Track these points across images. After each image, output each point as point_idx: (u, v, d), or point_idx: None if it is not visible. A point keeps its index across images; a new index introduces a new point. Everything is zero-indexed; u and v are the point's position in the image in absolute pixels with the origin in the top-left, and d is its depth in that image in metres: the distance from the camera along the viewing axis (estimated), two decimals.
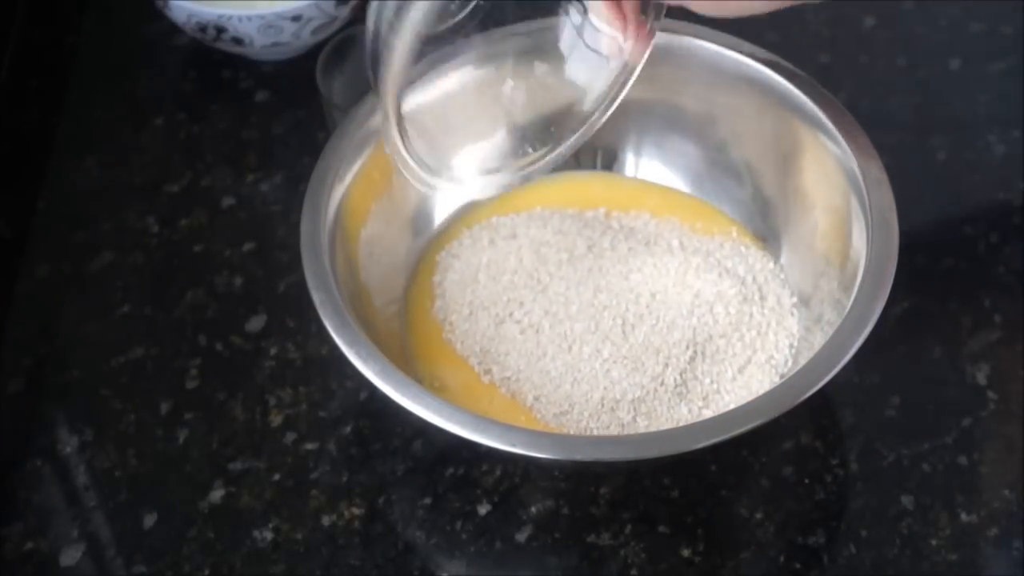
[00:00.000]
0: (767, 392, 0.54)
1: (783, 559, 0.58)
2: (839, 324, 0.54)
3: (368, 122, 0.61)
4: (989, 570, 0.58)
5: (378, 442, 0.61)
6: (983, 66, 0.78)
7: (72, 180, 0.73)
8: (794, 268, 0.63)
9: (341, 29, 0.74)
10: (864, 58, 0.79)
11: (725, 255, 0.63)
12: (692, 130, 0.66)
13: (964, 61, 0.78)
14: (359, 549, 0.58)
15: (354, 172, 0.60)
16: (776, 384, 0.58)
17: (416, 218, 0.65)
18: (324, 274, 0.55)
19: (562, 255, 0.63)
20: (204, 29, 0.73)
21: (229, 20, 0.72)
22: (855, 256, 0.57)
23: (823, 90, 0.61)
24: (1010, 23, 0.80)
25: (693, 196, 0.67)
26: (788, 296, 0.62)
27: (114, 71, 0.79)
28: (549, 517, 0.59)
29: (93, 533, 0.59)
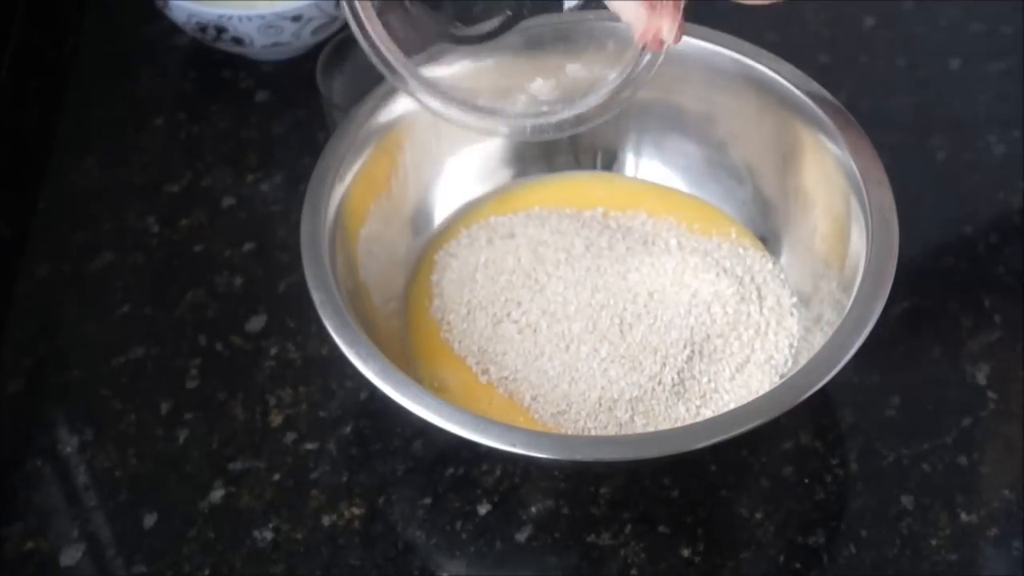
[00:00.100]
0: (767, 392, 0.54)
1: (783, 559, 0.58)
2: (839, 324, 0.54)
3: (368, 122, 0.61)
4: (989, 570, 0.58)
5: (378, 442, 0.61)
6: (983, 66, 0.78)
7: (72, 180, 0.73)
8: (794, 268, 0.63)
9: (341, 29, 0.74)
10: (864, 58, 0.79)
11: (723, 255, 0.63)
12: (692, 130, 0.66)
13: (964, 61, 0.78)
14: (359, 549, 0.58)
15: (354, 172, 0.60)
16: (776, 384, 0.58)
17: (416, 217, 0.65)
18: (324, 274, 0.55)
19: (560, 255, 0.63)
20: (204, 29, 0.73)
21: (229, 20, 0.72)
22: (855, 256, 0.57)
23: (823, 90, 0.61)
24: (1010, 23, 0.80)
25: (693, 196, 0.67)
26: (788, 296, 0.62)
27: (114, 71, 0.79)
28: (549, 517, 0.59)
29: (93, 533, 0.59)
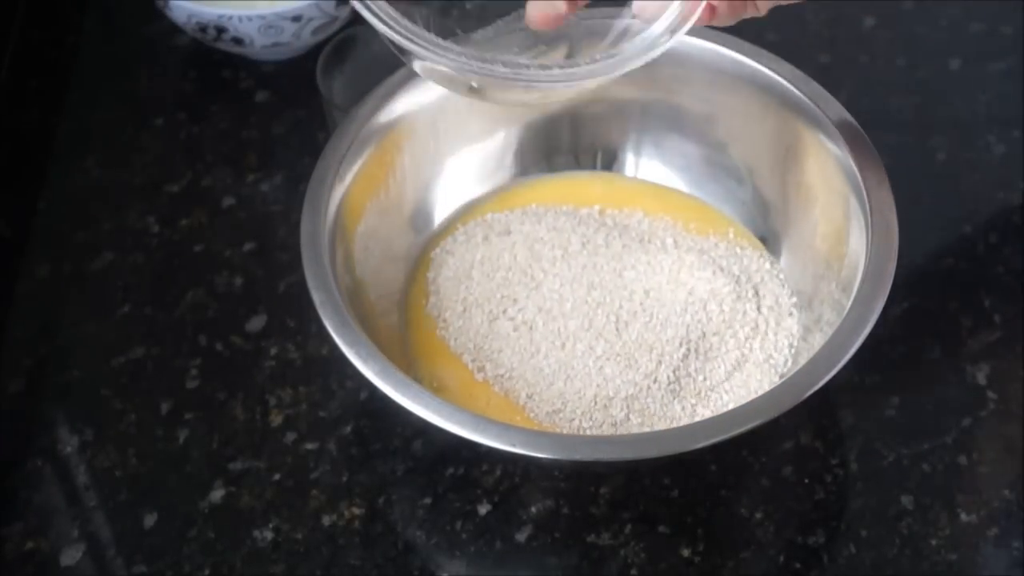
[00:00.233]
0: (767, 392, 0.54)
1: (783, 559, 0.58)
2: (839, 324, 0.54)
3: (368, 122, 0.61)
4: (989, 570, 0.58)
5: (378, 442, 0.61)
6: (983, 66, 0.78)
7: (72, 180, 0.73)
8: (794, 268, 0.63)
9: (341, 29, 0.74)
10: (864, 58, 0.79)
11: (720, 253, 0.63)
12: (692, 130, 0.66)
13: (964, 61, 0.78)
14: (359, 549, 0.58)
15: (354, 172, 0.60)
16: (776, 384, 0.58)
17: (415, 216, 0.65)
18: (324, 274, 0.55)
19: (556, 252, 0.63)
20: (204, 29, 0.73)
21: (229, 20, 0.72)
22: (855, 256, 0.57)
23: (823, 90, 0.61)
24: (1010, 23, 0.80)
25: (691, 196, 0.67)
26: (787, 296, 0.62)
27: (114, 71, 0.79)
28: (549, 517, 0.59)
29: (93, 533, 0.59)
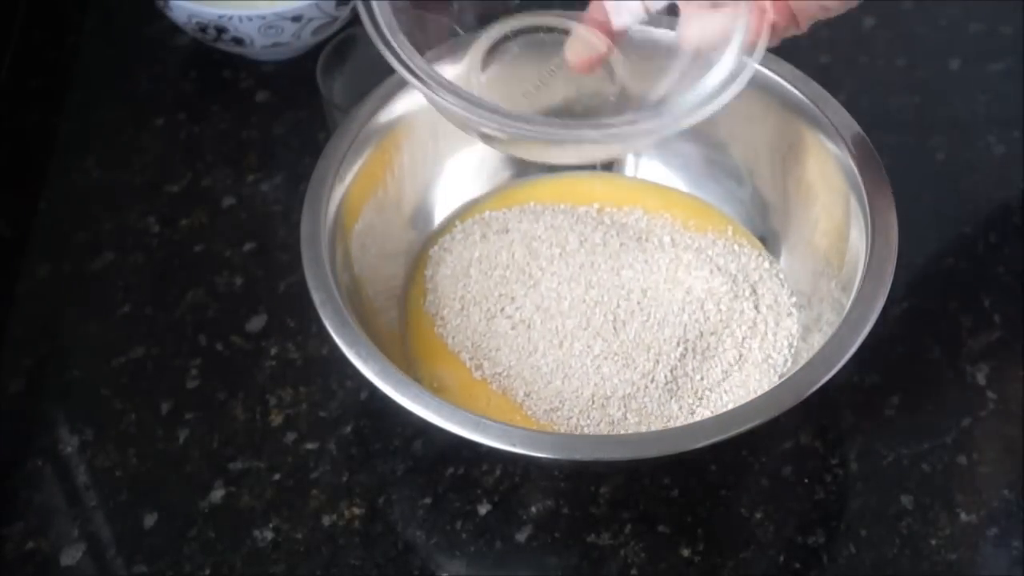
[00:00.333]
0: (767, 392, 0.54)
1: (783, 559, 0.58)
2: (839, 324, 0.54)
3: (368, 122, 0.61)
4: (989, 570, 0.58)
5: (378, 442, 0.61)
6: (983, 66, 0.78)
7: (73, 180, 0.73)
8: (793, 268, 0.63)
9: (341, 29, 0.74)
10: (864, 58, 0.79)
11: (717, 252, 0.63)
12: (692, 130, 0.66)
13: (964, 61, 0.78)
14: (359, 549, 0.58)
15: (354, 172, 0.60)
16: (775, 384, 0.58)
17: (415, 216, 0.65)
18: (324, 274, 0.55)
19: (554, 250, 0.63)
20: (205, 29, 0.73)
21: (230, 20, 0.72)
22: (854, 256, 0.57)
23: (823, 90, 0.61)
24: (1010, 23, 0.80)
25: (691, 195, 0.67)
26: (786, 296, 0.62)
27: (115, 71, 0.79)
28: (549, 517, 0.59)
29: (94, 533, 0.59)
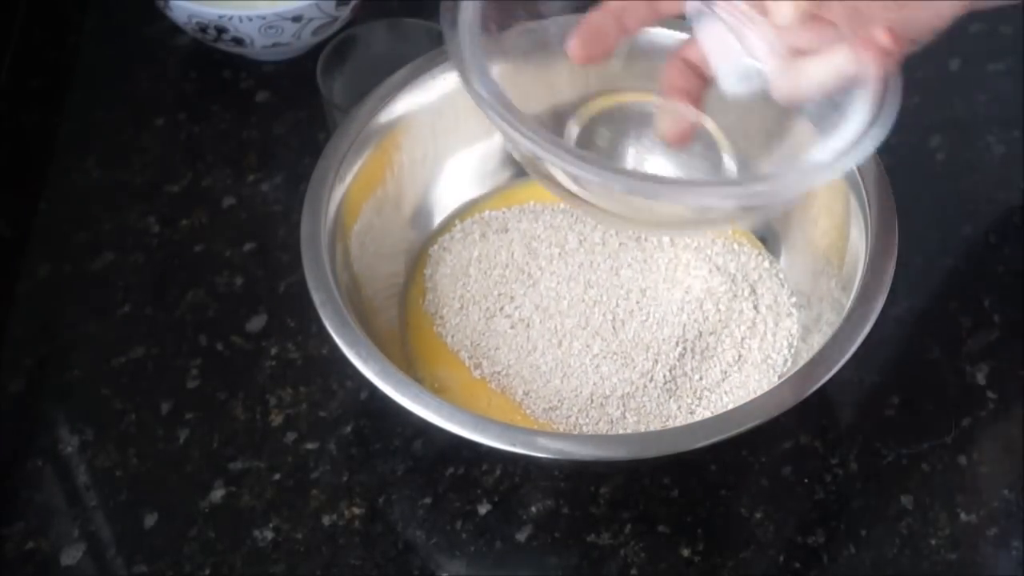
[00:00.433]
0: (767, 392, 0.54)
1: (783, 559, 0.58)
2: (839, 324, 0.54)
3: (369, 122, 0.61)
4: (989, 570, 0.58)
5: (378, 442, 0.61)
6: (983, 66, 0.78)
7: (73, 180, 0.73)
8: (794, 268, 0.63)
9: (342, 29, 0.74)
10: None
11: (717, 252, 0.63)
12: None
13: (964, 61, 0.78)
14: (359, 549, 0.58)
15: (354, 172, 0.60)
16: (775, 384, 0.58)
17: (415, 216, 0.65)
18: (324, 274, 0.55)
19: (553, 250, 0.63)
20: (205, 29, 0.73)
21: (230, 20, 0.72)
22: (854, 256, 0.57)
23: None
24: (1010, 23, 0.80)
25: None
26: (786, 296, 0.62)
27: (115, 71, 0.79)
28: (549, 517, 0.59)
29: (94, 533, 0.59)
